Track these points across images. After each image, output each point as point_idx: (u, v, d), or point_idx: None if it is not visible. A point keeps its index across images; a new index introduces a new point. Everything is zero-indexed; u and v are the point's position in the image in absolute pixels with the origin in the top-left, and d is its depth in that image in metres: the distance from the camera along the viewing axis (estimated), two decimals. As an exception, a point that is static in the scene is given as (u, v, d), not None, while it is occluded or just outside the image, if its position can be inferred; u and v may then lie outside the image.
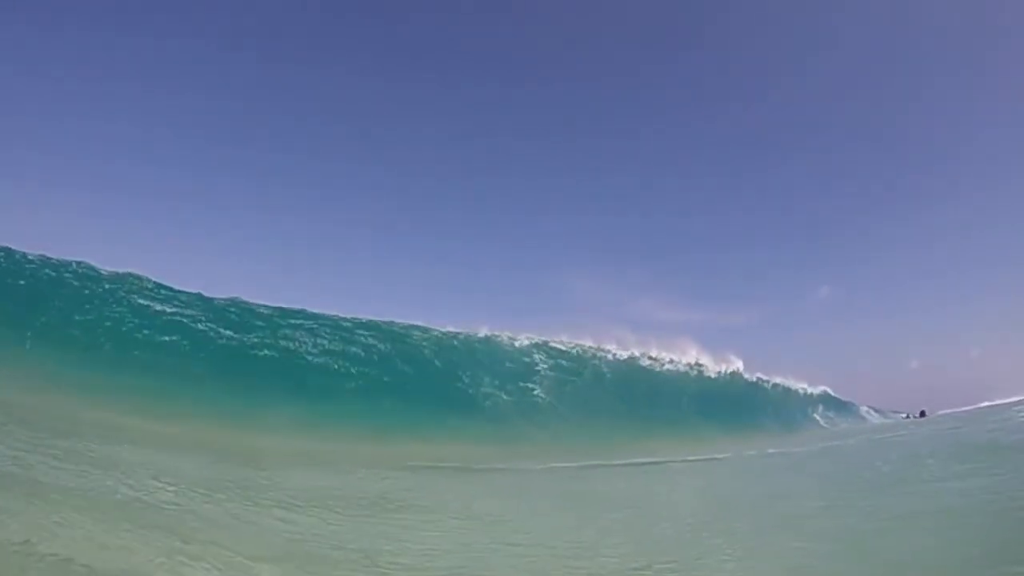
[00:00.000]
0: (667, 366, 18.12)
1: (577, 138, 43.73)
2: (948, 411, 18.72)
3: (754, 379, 20.11)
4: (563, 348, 16.34)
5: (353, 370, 12.28)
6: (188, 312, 11.67)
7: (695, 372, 18.59)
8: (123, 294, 11.41)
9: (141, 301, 11.46)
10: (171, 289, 12.34)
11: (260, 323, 12.40)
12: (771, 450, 10.50)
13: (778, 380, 20.83)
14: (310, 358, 12.07)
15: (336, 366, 12.18)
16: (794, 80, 44.96)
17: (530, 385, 14.34)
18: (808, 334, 39.01)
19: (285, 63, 38.18)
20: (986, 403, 17.84)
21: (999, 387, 22.32)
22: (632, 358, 17.38)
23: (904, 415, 22.06)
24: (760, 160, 45.03)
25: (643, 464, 8.81)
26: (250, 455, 6.23)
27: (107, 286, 11.49)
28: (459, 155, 43.26)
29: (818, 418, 21.40)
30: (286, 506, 3.92)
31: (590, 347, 16.92)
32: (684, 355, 18.65)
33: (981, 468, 5.17)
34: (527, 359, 15.30)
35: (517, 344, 15.55)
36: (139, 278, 12.14)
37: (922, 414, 20.06)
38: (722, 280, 40.92)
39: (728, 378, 19.20)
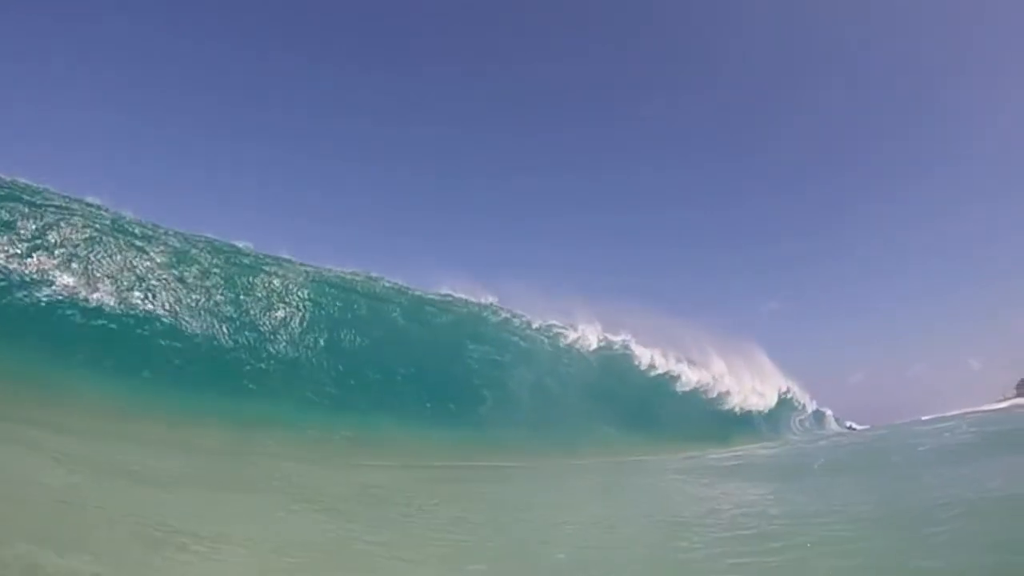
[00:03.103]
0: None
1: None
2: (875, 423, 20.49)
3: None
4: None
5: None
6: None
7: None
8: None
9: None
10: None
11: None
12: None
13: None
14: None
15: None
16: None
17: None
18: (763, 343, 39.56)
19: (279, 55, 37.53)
20: (928, 415, 18.91)
21: (940, 401, 24.09)
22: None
23: (848, 425, 23.26)
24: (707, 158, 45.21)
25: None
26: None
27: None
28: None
29: (793, 425, 21.63)
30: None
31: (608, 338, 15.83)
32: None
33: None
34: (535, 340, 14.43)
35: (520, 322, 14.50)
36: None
37: (850, 428, 21.71)
38: (668, 286, 40.97)
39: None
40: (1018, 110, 40.79)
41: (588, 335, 15.66)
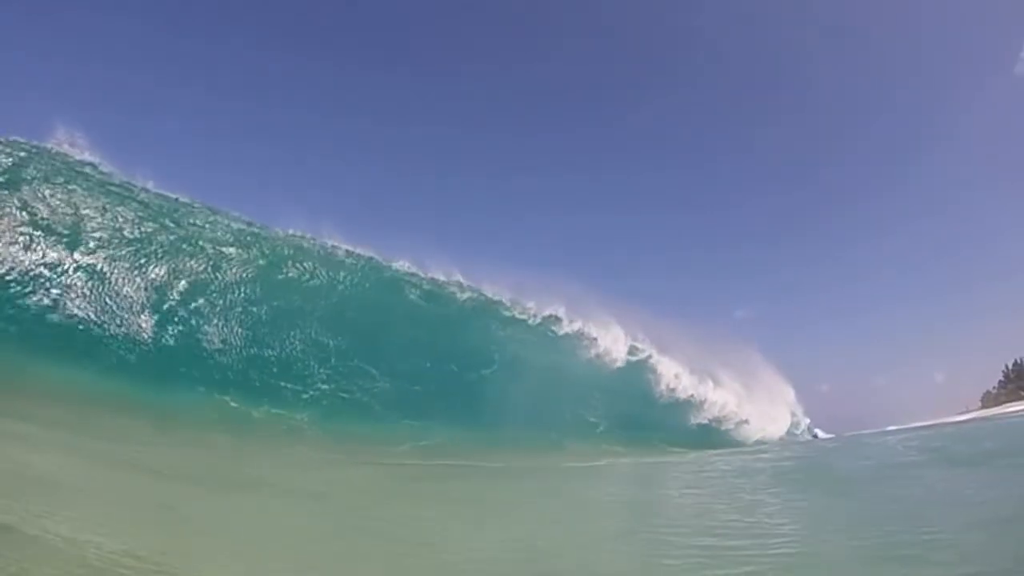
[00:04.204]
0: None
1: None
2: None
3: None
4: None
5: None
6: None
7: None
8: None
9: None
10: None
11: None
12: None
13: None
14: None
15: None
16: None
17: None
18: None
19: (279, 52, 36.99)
20: (894, 426, 19.27)
21: (909, 411, 25.89)
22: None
23: (813, 433, 23.55)
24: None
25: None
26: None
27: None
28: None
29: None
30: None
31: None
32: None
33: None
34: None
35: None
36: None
37: (814, 436, 22.13)
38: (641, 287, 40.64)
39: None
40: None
41: (615, 344, 15.37)
